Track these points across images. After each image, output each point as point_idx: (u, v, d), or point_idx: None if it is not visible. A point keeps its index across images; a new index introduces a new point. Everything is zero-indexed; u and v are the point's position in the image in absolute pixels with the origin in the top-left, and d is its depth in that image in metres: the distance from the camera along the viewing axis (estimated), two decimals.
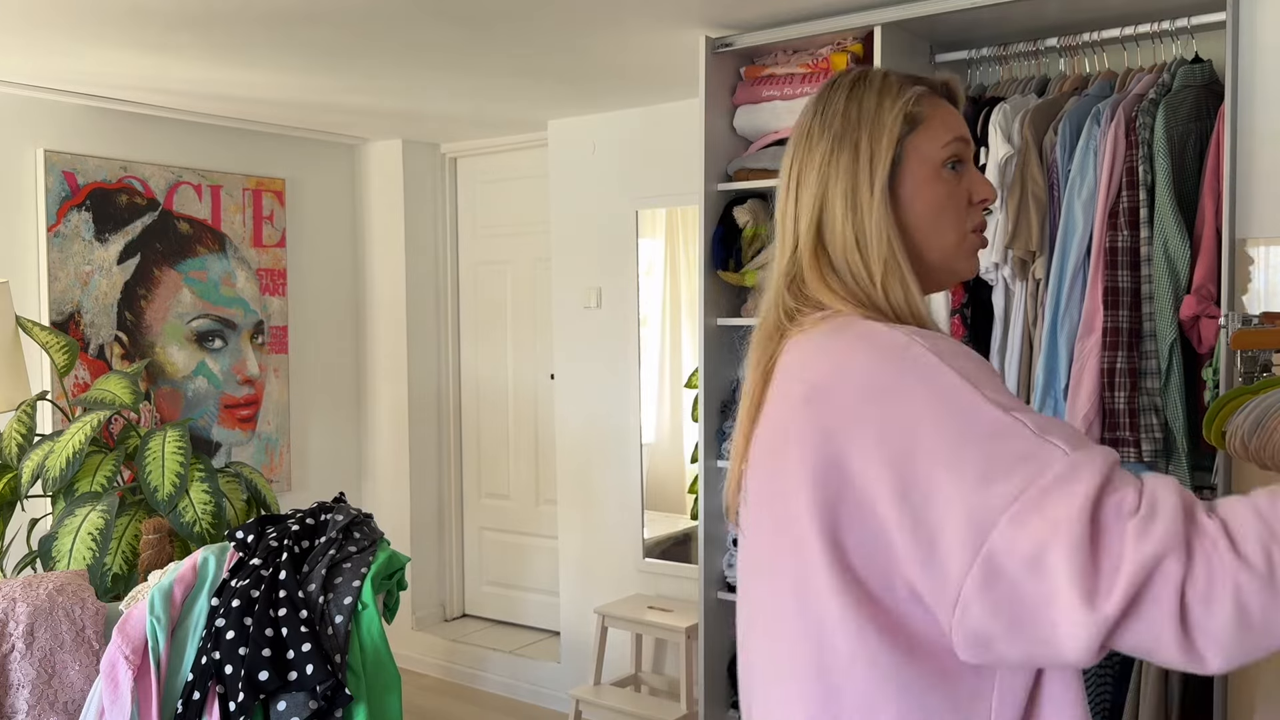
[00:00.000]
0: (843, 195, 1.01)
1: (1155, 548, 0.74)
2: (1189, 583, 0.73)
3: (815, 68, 2.64)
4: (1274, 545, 0.73)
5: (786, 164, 1.06)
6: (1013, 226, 2.24)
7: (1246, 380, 1.82)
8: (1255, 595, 0.72)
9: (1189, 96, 2.16)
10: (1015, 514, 0.78)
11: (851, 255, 1.00)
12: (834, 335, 0.96)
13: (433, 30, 2.73)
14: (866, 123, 1.02)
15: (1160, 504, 0.77)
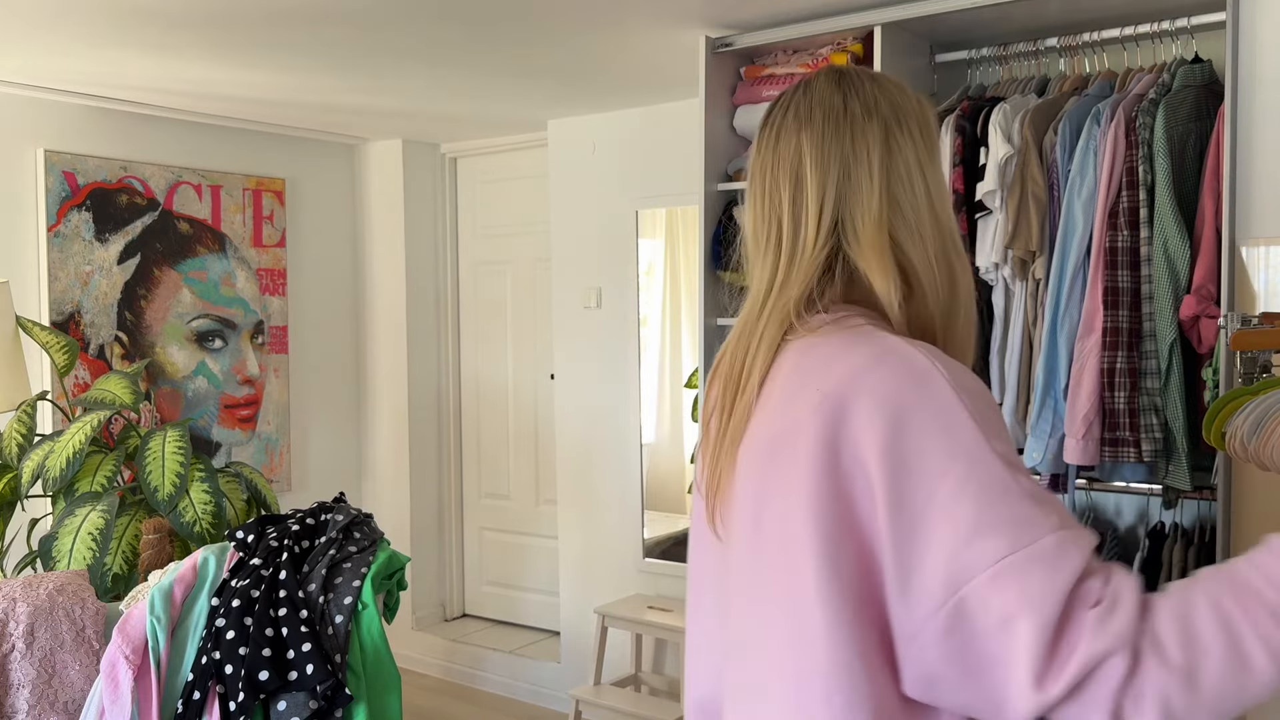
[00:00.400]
0: (921, 178, 0.96)
1: (1107, 644, 0.78)
2: (1127, 682, 0.77)
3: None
4: (1200, 656, 0.77)
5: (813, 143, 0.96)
6: (1012, 226, 2.24)
7: (1246, 381, 1.82)
8: (1179, 699, 0.77)
9: (1189, 96, 2.16)
10: (997, 573, 0.80)
11: (931, 241, 0.95)
12: (854, 345, 0.91)
13: (433, 30, 2.74)
14: (912, 111, 0.98)
15: (1120, 601, 0.80)
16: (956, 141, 2.33)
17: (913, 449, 0.84)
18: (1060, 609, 0.79)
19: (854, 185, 0.95)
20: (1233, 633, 0.78)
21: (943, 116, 2.39)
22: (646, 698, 3.68)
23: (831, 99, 0.97)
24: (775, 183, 0.98)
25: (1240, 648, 0.78)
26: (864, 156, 0.95)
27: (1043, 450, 2.21)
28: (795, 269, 0.96)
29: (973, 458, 0.84)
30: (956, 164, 2.32)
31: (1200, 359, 2.11)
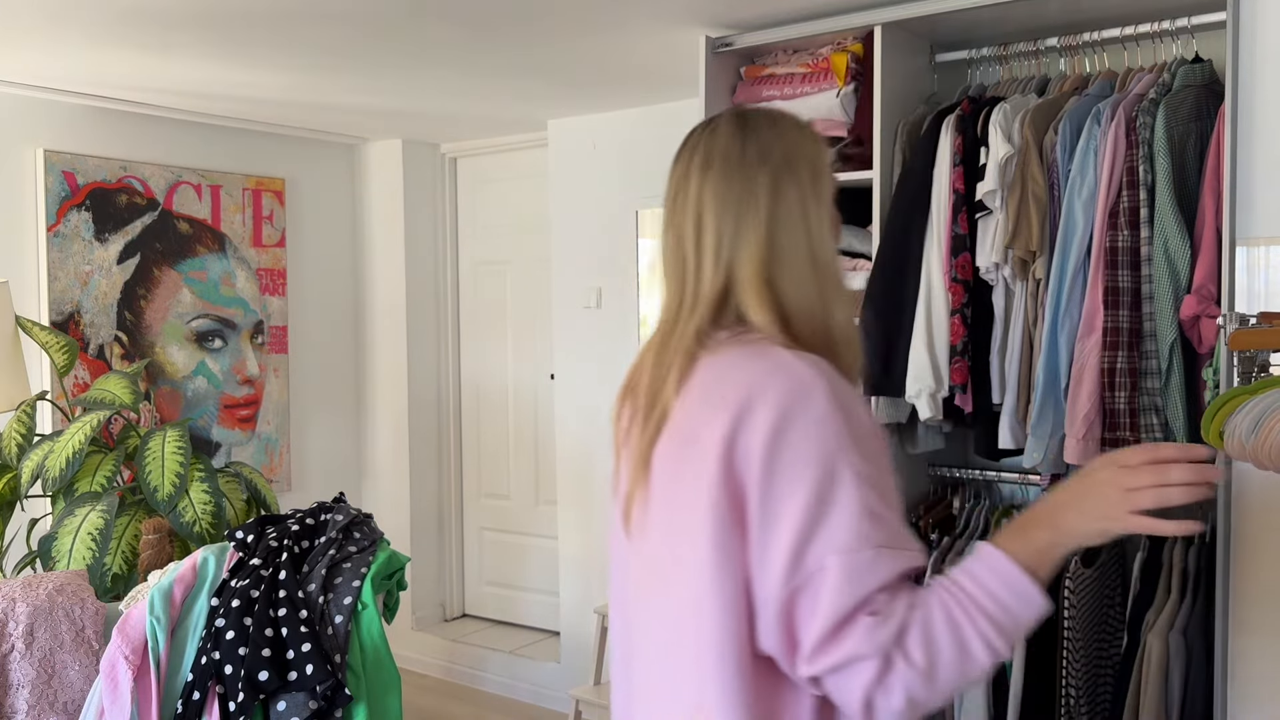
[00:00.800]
0: (800, 220, 1.10)
1: (867, 649, 0.99)
2: (878, 680, 0.99)
3: (815, 67, 2.64)
4: (937, 657, 1.00)
5: (712, 191, 1.10)
6: (1013, 226, 2.24)
7: (1245, 380, 1.82)
8: (920, 689, 1.00)
9: (1189, 96, 2.15)
10: (821, 569, 1.00)
11: (807, 280, 1.11)
12: (754, 359, 1.07)
13: (433, 30, 2.73)
14: (805, 155, 1.13)
15: (891, 617, 1.00)
16: (956, 141, 2.33)
17: (786, 451, 1.02)
18: (850, 610, 0.99)
19: (741, 230, 1.10)
20: (960, 636, 1.00)
21: (943, 116, 2.39)
22: None
23: (730, 145, 1.12)
24: (682, 221, 1.13)
25: (966, 647, 1.00)
26: (753, 204, 1.10)
27: (1043, 450, 2.20)
28: (698, 300, 1.11)
29: (830, 469, 1.01)
30: (957, 164, 2.32)
31: (1200, 359, 2.11)
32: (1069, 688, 2.28)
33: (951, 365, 2.31)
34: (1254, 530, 2.05)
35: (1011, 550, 1.04)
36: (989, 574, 1.03)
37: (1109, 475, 1.05)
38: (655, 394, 1.12)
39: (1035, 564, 1.03)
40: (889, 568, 1.02)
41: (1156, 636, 2.18)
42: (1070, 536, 1.04)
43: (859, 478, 1.02)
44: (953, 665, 1.00)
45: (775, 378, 1.04)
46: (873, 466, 1.03)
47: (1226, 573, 2.07)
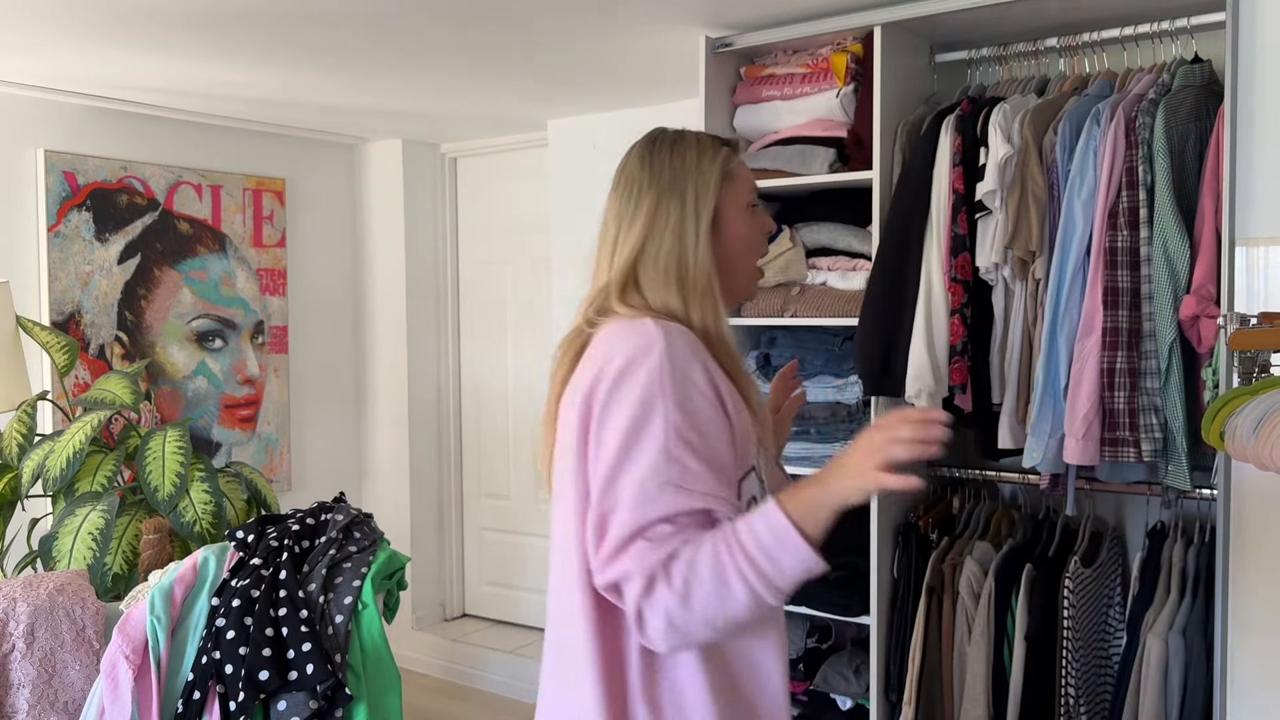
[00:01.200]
0: (672, 234, 1.30)
1: (635, 568, 1.15)
2: (644, 595, 1.15)
3: (815, 68, 2.64)
4: (695, 584, 1.13)
5: (615, 206, 1.35)
6: (1012, 226, 2.24)
7: (1245, 380, 1.82)
8: (677, 610, 1.14)
9: (1189, 96, 2.16)
10: (622, 491, 1.17)
11: (669, 283, 1.30)
12: (624, 325, 1.27)
13: (433, 30, 2.74)
14: (691, 177, 1.32)
15: (663, 544, 1.15)
16: (956, 142, 2.33)
17: (618, 391, 1.20)
18: (631, 533, 1.16)
19: (624, 239, 1.33)
20: (721, 571, 1.13)
21: (942, 116, 2.39)
22: None
23: (633, 167, 1.35)
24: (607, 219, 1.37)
25: (725, 581, 1.13)
26: (636, 219, 1.32)
27: (1042, 450, 2.21)
28: (594, 293, 1.36)
29: (647, 412, 1.18)
30: (956, 164, 2.32)
31: (1200, 359, 2.11)
32: (1068, 688, 2.28)
33: (951, 365, 2.31)
34: (1254, 530, 2.05)
35: (786, 504, 1.15)
36: (761, 522, 1.14)
37: (863, 438, 1.18)
38: (557, 368, 1.35)
39: (803, 517, 1.14)
40: (673, 503, 1.16)
41: (1156, 636, 2.18)
42: (835, 494, 1.15)
43: (668, 424, 1.18)
44: (711, 596, 1.13)
45: (631, 337, 1.24)
46: (686, 419, 1.19)
47: (1226, 573, 2.07)
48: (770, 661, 1.29)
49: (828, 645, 2.82)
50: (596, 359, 1.25)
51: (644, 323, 1.25)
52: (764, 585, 1.13)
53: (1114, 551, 2.47)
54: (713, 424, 1.22)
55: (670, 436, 1.17)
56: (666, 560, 1.14)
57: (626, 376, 1.20)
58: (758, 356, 2.80)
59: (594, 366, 1.25)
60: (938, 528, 2.58)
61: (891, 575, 2.58)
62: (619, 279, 1.32)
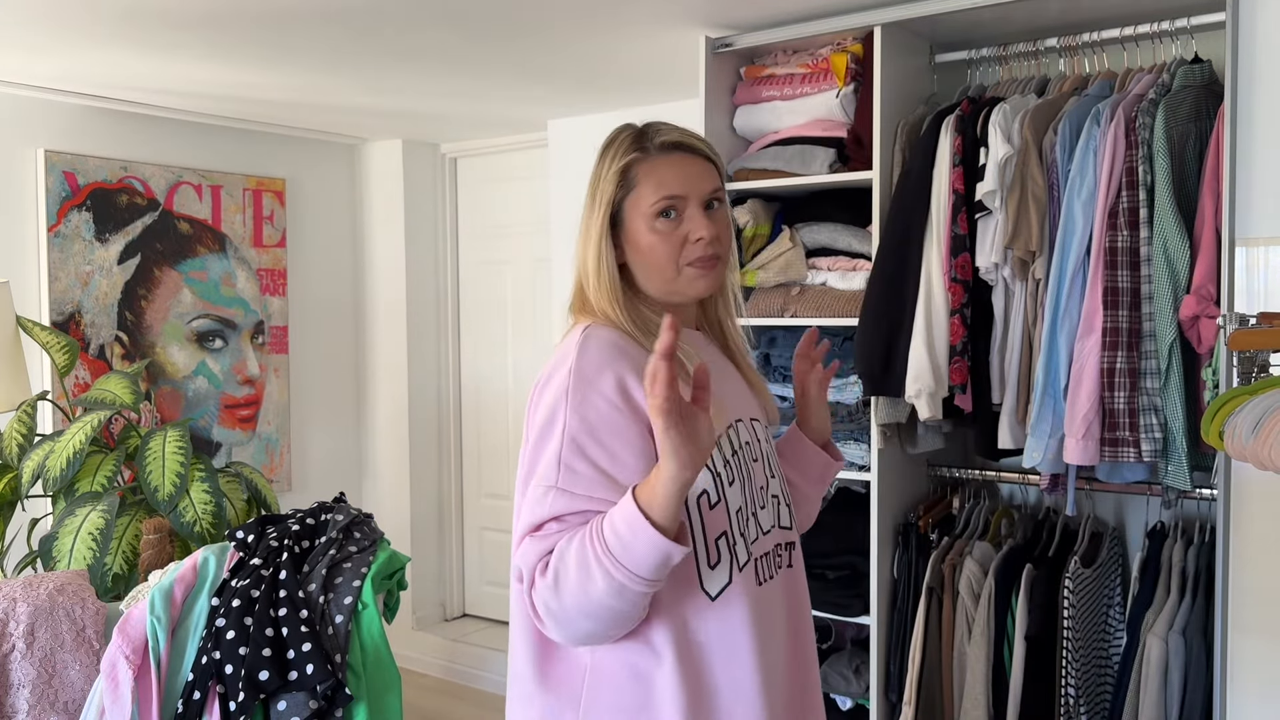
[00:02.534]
0: (581, 240, 1.38)
1: (522, 561, 1.24)
2: (529, 588, 1.23)
3: (815, 68, 2.64)
4: (564, 573, 1.19)
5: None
6: (1012, 226, 2.24)
7: (1244, 380, 1.82)
8: (550, 598, 1.20)
9: (1189, 96, 2.16)
10: (525, 494, 1.29)
11: (587, 285, 1.36)
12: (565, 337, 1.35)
13: (433, 31, 2.74)
14: (594, 183, 1.38)
15: (543, 541, 1.23)
16: (956, 142, 2.33)
17: (537, 401, 1.31)
18: (524, 531, 1.25)
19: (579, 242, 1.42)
20: (584, 558, 1.18)
21: (942, 116, 2.39)
22: None
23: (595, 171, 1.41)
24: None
25: (587, 567, 1.17)
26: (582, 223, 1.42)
27: (1042, 450, 2.21)
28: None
29: (550, 420, 1.27)
30: (956, 164, 2.32)
31: (1199, 359, 2.11)
32: (1068, 688, 2.28)
33: (951, 365, 2.31)
34: (1254, 530, 2.05)
35: (638, 493, 1.17)
36: (618, 512, 1.18)
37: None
38: None
39: (648, 502, 1.15)
40: (556, 505, 1.23)
41: (1156, 636, 2.18)
42: (665, 472, 1.14)
43: (564, 432, 1.25)
44: (577, 584, 1.18)
45: (560, 349, 1.33)
46: (582, 425, 1.25)
47: (1226, 573, 2.07)
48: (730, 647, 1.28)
49: (827, 645, 2.82)
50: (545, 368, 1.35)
51: (575, 332, 1.33)
52: (620, 572, 1.15)
53: (1114, 551, 2.47)
54: (614, 428, 1.25)
55: (565, 446, 1.25)
56: (544, 554, 1.22)
57: (544, 387, 1.31)
58: (758, 357, 2.80)
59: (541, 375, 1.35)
60: (938, 528, 2.58)
61: (891, 575, 2.58)
62: (576, 283, 1.38)
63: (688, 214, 1.34)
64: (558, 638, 1.24)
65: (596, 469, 1.24)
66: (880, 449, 2.50)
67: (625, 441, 1.25)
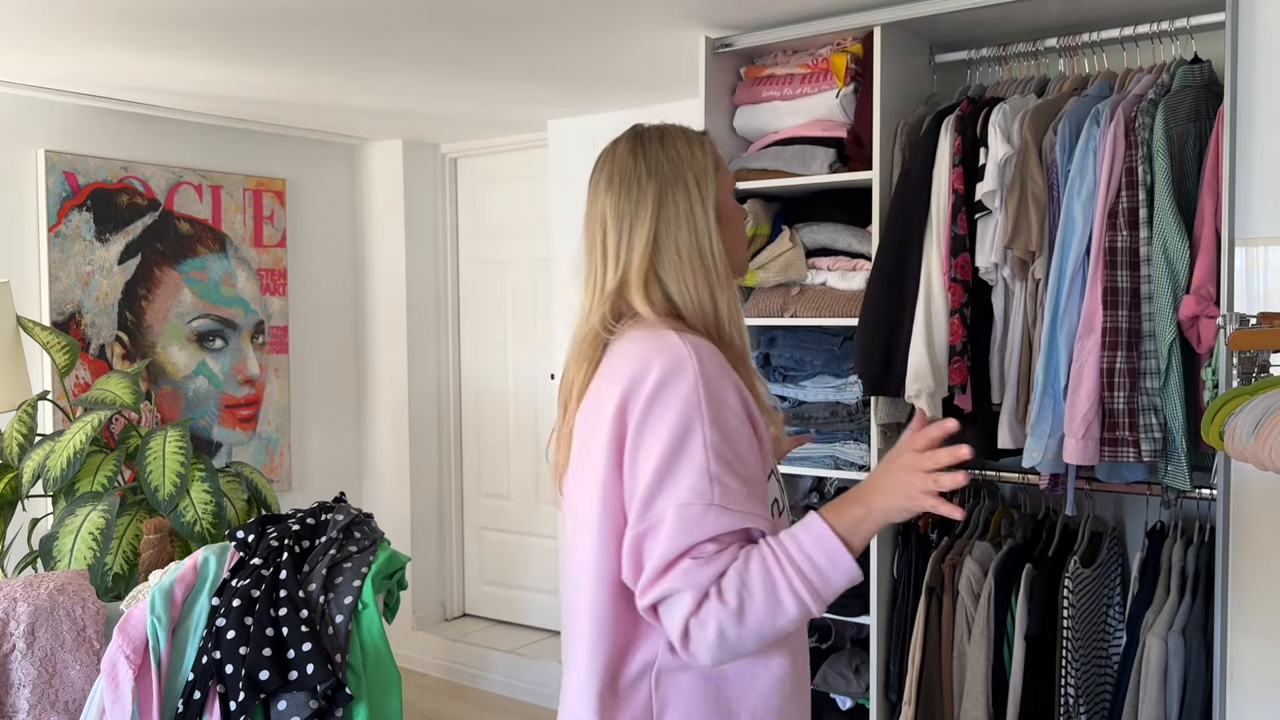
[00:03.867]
0: (686, 223, 1.30)
1: (683, 585, 1.17)
2: (694, 613, 1.17)
3: (815, 68, 2.64)
4: (748, 601, 1.16)
5: (611, 204, 1.34)
6: (1012, 226, 2.24)
7: (1244, 380, 1.82)
8: (730, 626, 1.17)
9: (1188, 97, 2.16)
10: (664, 515, 1.19)
11: (695, 273, 1.30)
12: (648, 340, 1.27)
13: (433, 31, 2.74)
14: (689, 165, 1.32)
15: (713, 563, 1.18)
16: (956, 142, 2.33)
17: (655, 411, 1.21)
18: (677, 553, 1.17)
19: (632, 236, 1.32)
20: (772, 585, 1.17)
21: (942, 116, 2.39)
22: None
23: (625, 163, 1.35)
24: (591, 232, 1.39)
25: (776, 595, 1.16)
26: (642, 214, 1.31)
27: (1042, 450, 2.21)
28: (601, 297, 1.34)
29: (685, 433, 1.20)
30: (956, 164, 2.32)
31: (1199, 359, 2.11)
32: (1068, 687, 2.28)
33: (951, 365, 2.31)
34: (1254, 530, 2.06)
35: (830, 519, 1.19)
36: (807, 537, 1.19)
37: (900, 459, 1.21)
38: (572, 380, 1.35)
39: (849, 533, 1.18)
40: (719, 523, 1.18)
41: (1155, 636, 2.18)
42: (879, 512, 1.20)
43: (706, 445, 1.20)
44: (763, 610, 1.17)
45: (660, 354, 1.23)
46: (723, 439, 1.21)
47: (1225, 573, 2.07)
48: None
49: (827, 645, 2.82)
50: (624, 372, 1.25)
51: (668, 336, 1.25)
52: (813, 599, 1.17)
53: (1114, 551, 2.47)
54: (745, 441, 1.24)
55: (710, 457, 1.20)
56: (716, 578, 1.17)
57: (662, 394, 1.21)
58: (758, 357, 2.81)
59: (622, 379, 1.25)
60: (937, 527, 2.58)
61: (891, 575, 2.58)
62: (638, 276, 1.30)
63: None
64: (706, 659, 1.20)
65: (744, 484, 1.22)
66: (880, 449, 2.50)
67: (754, 455, 1.26)
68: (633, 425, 1.22)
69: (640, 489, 1.21)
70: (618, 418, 1.24)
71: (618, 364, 1.28)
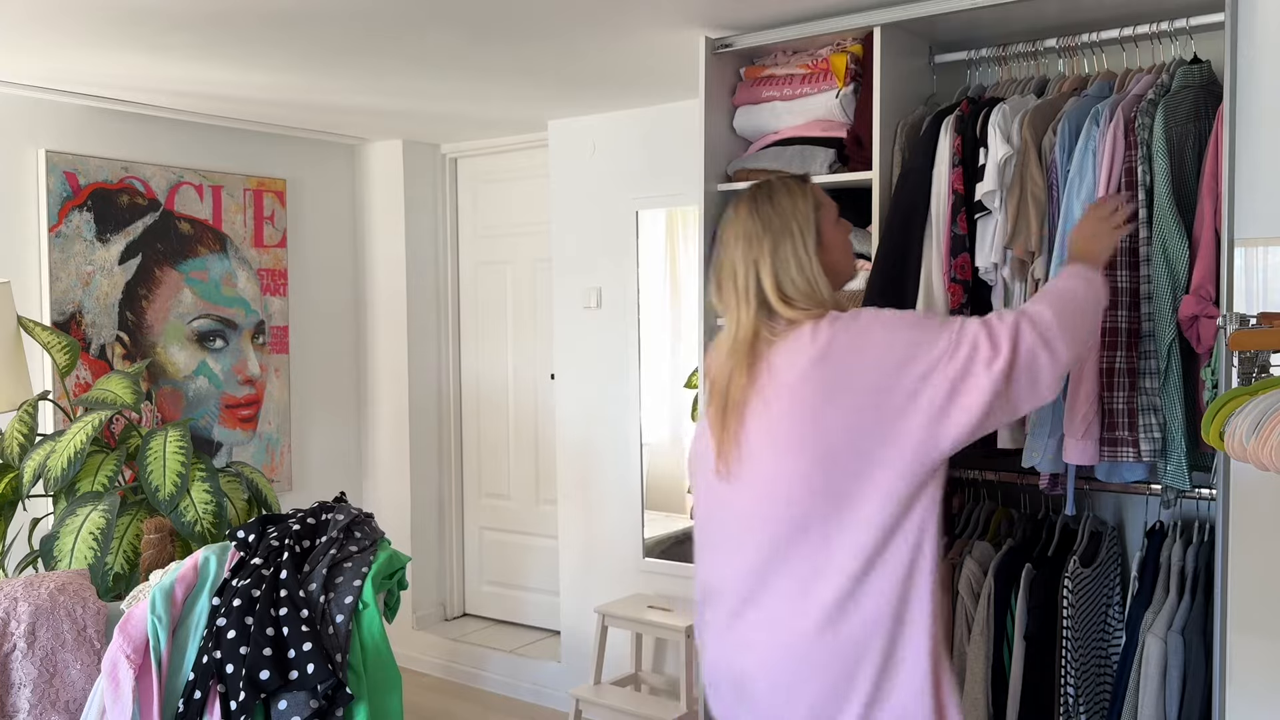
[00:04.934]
0: (795, 262, 1.70)
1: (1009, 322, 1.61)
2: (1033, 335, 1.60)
3: (815, 68, 2.64)
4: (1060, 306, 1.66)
5: (741, 252, 1.72)
6: (1012, 227, 2.24)
7: (1244, 381, 1.82)
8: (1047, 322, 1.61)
9: (1188, 97, 2.16)
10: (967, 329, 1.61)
11: (809, 292, 1.69)
12: (822, 326, 1.65)
13: (433, 32, 2.74)
14: (793, 216, 1.72)
15: (1004, 315, 1.64)
16: (955, 142, 2.33)
17: (891, 323, 1.63)
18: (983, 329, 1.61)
19: (760, 272, 1.71)
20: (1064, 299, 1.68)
21: (942, 117, 2.39)
22: (647, 697, 3.68)
23: (747, 224, 1.74)
24: (728, 273, 1.74)
25: (1079, 306, 1.68)
26: (764, 261, 1.71)
27: (1042, 450, 2.21)
28: (746, 315, 1.71)
29: (906, 316, 1.65)
30: (956, 164, 2.33)
31: (1198, 359, 2.11)
32: (1067, 687, 2.29)
33: None
34: (1253, 530, 2.06)
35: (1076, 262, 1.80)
36: (1066, 273, 1.76)
37: (1090, 222, 1.88)
38: (730, 378, 1.70)
39: (1095, 260, 1.81)
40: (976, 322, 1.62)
41: (1155, 636, 2.18)
42: (1101, 254, 1.84)
43: (927, 316, 1.67)
44: (1071, 314, 1.64)
45: (837, 322, 1.65)
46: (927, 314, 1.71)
47: (1225, 573, 2.08)
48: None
49: None
50: (817, 347, 1.62)
51: (836, 316, 1.66)
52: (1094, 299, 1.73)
53: (1113, 551, 2.47)
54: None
55: (932, 314, 1.74)
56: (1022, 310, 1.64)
57: (880, 319, 1.65)
58: None
59: (811, 350, 1.62)
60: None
61: None
62: (776, 298, 1.68)
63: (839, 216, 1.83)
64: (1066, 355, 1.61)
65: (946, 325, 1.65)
66: None
67: None
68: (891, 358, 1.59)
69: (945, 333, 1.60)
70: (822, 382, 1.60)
71: (799, 349, 1.63)
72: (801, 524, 1.60)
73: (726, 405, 1.68)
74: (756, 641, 1.65)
